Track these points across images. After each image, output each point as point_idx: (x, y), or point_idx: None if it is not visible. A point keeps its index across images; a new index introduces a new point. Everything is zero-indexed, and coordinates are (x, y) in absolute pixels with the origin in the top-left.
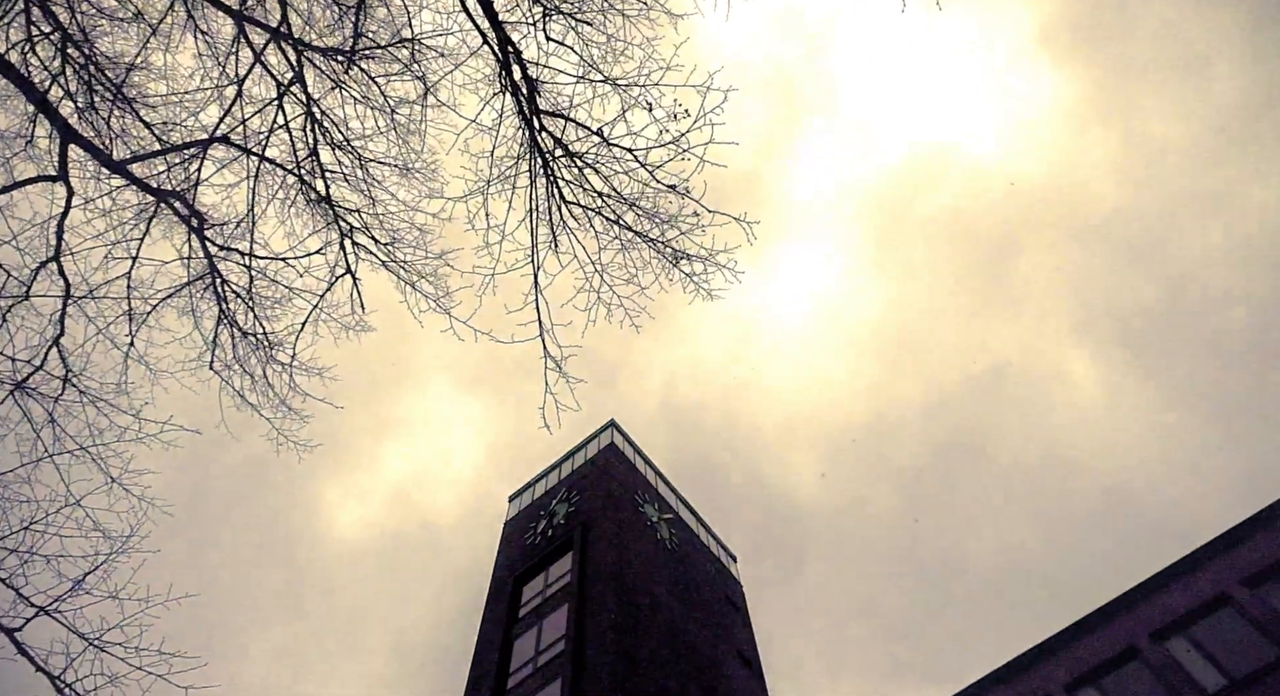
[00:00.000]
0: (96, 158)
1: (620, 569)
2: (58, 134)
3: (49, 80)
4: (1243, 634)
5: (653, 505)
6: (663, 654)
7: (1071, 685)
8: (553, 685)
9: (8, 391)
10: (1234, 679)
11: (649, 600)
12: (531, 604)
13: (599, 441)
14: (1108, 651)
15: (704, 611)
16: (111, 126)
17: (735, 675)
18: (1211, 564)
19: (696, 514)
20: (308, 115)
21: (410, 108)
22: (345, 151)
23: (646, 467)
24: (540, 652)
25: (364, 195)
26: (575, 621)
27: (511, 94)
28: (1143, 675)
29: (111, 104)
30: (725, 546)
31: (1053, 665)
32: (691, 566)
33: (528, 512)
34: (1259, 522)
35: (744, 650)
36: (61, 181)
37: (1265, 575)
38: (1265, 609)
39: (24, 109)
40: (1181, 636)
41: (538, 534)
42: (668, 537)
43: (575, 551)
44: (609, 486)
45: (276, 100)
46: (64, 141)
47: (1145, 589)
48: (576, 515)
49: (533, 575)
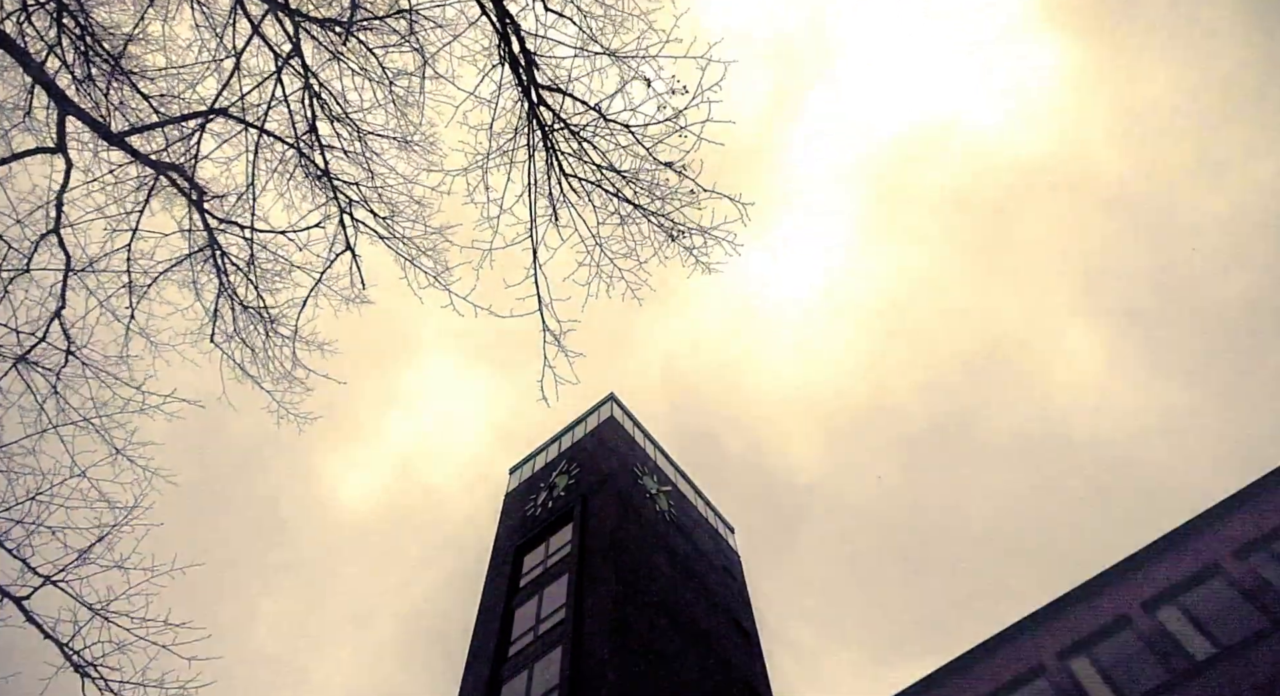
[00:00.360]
0: (95, 129)
1: (619, 540)
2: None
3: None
4: (1232, 603)
5: (651, 477)
6: (661, 623)
7: (1063, 653)
8: (553, 652)
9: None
10: (1223, 647)
11: (648, 570)
12: (532, 574)
13: (599, 414)
14: (1099, 620)
15: (702, 581)
16: (110, 98)
17: (732, 644)
18: (1203, 535)
19: (694, 486)
20: (306, 88)
21: (409, 80)
22: (344, 124)
23: (645, 440)
24: (541, 621)
25: (363, 168)
26: (575, 591)
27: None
28: (1134, 643)
29: (109, 75)
30: (723, 517)
31: (1045, 634)
32: (689, 537)
33: (528, 484)
34: (1250, 494)
35: (741, 619)
36: (60, 153)
37: (1255, 545)
38: (1254, 578)
39: (21, 80)
40: (1172, 605)
41: (538, 505)
42: (666, 509)
43: (575, 523)
44: (608, 459)
45: (275, 73)
46: (61, 113)
47: (1137, 559)
48: (576, 487)
49: (533, 546)
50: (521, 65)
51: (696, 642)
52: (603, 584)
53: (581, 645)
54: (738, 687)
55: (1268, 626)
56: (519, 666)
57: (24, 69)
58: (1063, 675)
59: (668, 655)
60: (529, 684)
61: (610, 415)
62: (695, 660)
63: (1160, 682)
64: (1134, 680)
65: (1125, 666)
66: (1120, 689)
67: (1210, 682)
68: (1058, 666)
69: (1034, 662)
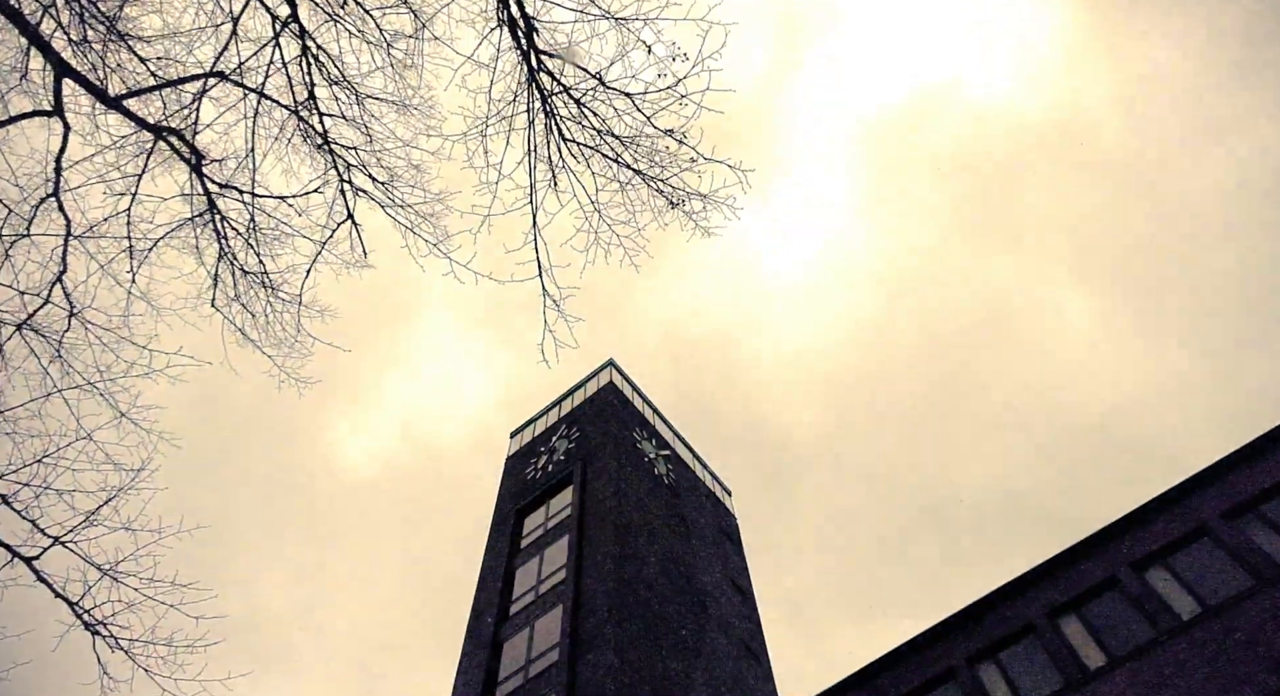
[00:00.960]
0: (92, 92)
1: (618, 503)
2: (51, 68)
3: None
4: (1219, 564)
5: (650, 442)
6: (660, 583)
7: (1052, 613)
8: (553, 611)
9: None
10: (1208, 606)
11: (646, 532)
12: (533, 535)
13: (598, 380)
14: (1088, 581)
15: (699, 542)
16: (106, 61)
17: (729, 603)
18: (1192, 497)
19: (693, 450)
20: (304, 51)
21: (407, 42)
22: (342, 87)
23: (644, 405)
24: (541, 581)
25: (361, 132)
26: (575, 552)
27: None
28: (1121, 603)
29: (105, 37)
30: (720, 481)
31: (1035, 594)
32: (687, 500)
33: (528, 448)
34: (1240, 457)
35: (738, 580)
36: (57, 116)
37: (1244, 507)
38: (1242, 540)
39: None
40: (1160, 566)
41: (538, 469)
42: (665, 473)
43: (575, 486)
44: (607, 424)
45: (273, 38)
46: (58, 75)
47: (1127, 521)
48: (576, 451)
49: (534, 508)
50: (520, 28)
51: (694, 602)
52: (602, 545)
53: (581, 604)
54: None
55: (1253, 585)
56: (520, 624)
57: (19, 30)
58: (1052, 633)
59: (666, 614)
60: (530, 641)
61: (610, 380)
62: (693, 619)
63: (1147, 640)
64: (1121, 638)
65: (1113, 625)
66: (1108, 647)
67: (1195, 640)
68: (1047, 625)
69: (1025, 620)
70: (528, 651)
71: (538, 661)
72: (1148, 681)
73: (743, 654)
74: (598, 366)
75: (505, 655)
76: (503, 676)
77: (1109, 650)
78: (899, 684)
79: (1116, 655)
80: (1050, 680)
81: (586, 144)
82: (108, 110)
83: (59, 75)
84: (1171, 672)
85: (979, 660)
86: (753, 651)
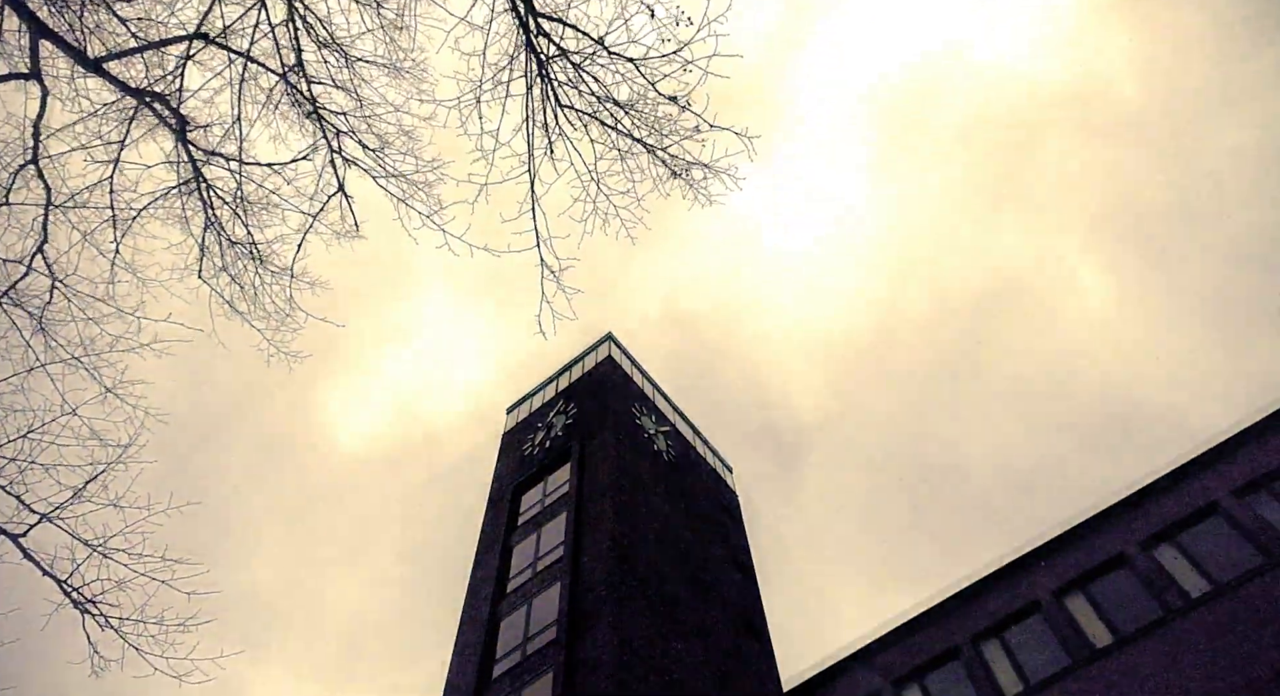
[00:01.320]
0: (70, 54)
1: (617, 479)
2: (27, 28)
3: None
4: (1229, 542)
5: (650, 417)
6: (659, 560)
7: (1059, 590)
8: (551, 588)
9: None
10: (1217, 584)
11: (646, 509)
12: (530, 512)
13: (596, 354)
14: (1096, 558)
15: (699, 520)
16: (85, 21)
17: (729, 580)
18: (1203, 473)
19: (693, 426)
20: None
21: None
22: (331, 50)
23: (644, 381)
24: (539, 558)
25: (351, 96)
26: (573, 529)
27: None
28: (1130, 580)
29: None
30: (721, 457)
31: (1041, 571)
32: (687, 477)
33: (526, 424)
34: (1251, 434)
35: (739, 556)
36: (35, 79)
37: (1255, 485)
38: (1252, 517)
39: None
40: (1169, 544)
41: (536, 445)
42: (664, 449)
43: (573, 463)
44: (606, 399)
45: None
46: (34, 36)
47: (1137, 498)
48: (574, 427)
49: (531, 484)
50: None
51: (694, 579)
52: (601, 522)
53: (580, 581)
54: (735, 621)
55: (1263, 563)
56: (518, 601)
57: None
58: (1058, 611)
59: (665, 591)
60: (528, 618)
61: (608, 355)
62: (693, 595)
63: (1155, 618)
64: (1129, 617)
65: (1120, 603)
66: (1114, 624)
67: (1204, 618)
68: (1053, 602)
69: (1031, 598)
70: (525, 629)
71: (535, 638)
72: (1155, 660)
73: (743, 631)
74: (596, 340)
75: (502, 632)
76: (500, 654)
77: (1116, 628)
78: (902, 661)
79: (1124, 633)
80: (1056, 658)
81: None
82: (87, 73)
83: (35, 36)
84: (1180, 651)
85: (983, 638)
86: (754, 628)
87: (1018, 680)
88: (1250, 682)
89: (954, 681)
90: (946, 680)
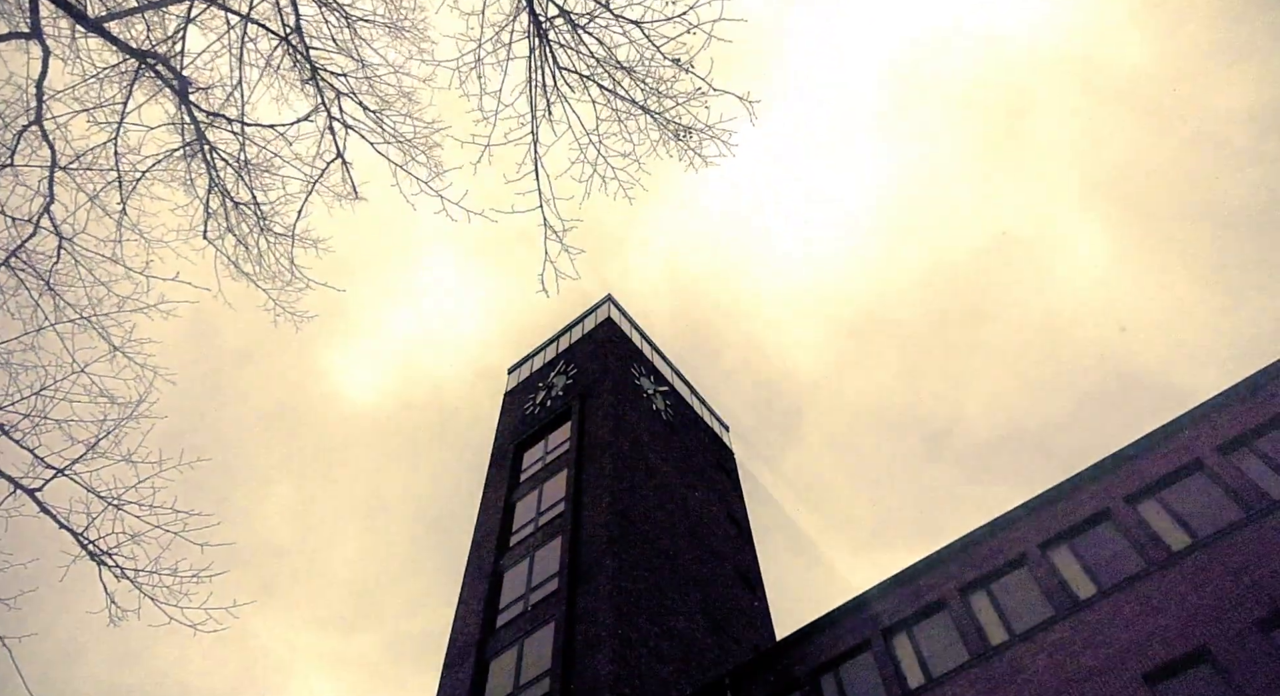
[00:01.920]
0: (70, 13)
1: (616, 438)
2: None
3: None
4: (1212, 497)
5: (649, 378)
6: (657, 516)
7: (1044, 543)
8: (553, 542)
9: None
10: (1198, 537)
11: (644, 467)
12: (531, 470)
13: (596, 316)
14: (1081, 513)
15: (697, 477)
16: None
17: (725, 535)
18: (1188, 431)
19: (691, 386)
20: None
21: None
22: (331, 10)
23: (643, 342)
24: (541, 513)
25: (352, 57)
26: (574, 485)
27: None
28: (1112, 534)
29: None
30: (719, 416)
31: (1029, 525)
32: (685, 435)
33: (527, 384)
34: (1238, 391)
35: (735, 512)
36: (35, 39)
37: (1239, 442)
38: (1235, 473)
39: None
40: (1153, 499)
41: (537, 404)
42: (663, 409)
43: (573, 421)
44: (605, 360)
45: None
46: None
47: (1123, 455)
48: (574, 387)
49: (533, 443)
50: None
51: (691, 534)
52: (600, 479)
53: (580, 535)
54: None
55: (1242, 518)
56: (521, 555)
57: None
58: (1043, 564)
59: (662, 545)
60: (530, 571)
61: (608, 316)
62: (689, 549)
63: (1137, 571)
64: (1112, 569)
65: (1104, 556)
66: (1098, 577)
67: (1185, 570)
68: (1039, 555)
69: (1017, 552)
70: (528, 581)
71: (537, 590)
72: (1136, 610)
73: (739, 584)
74: (596, 302)
75: (506, 585)
76: (503, 605)
77: (1099, 581)
78: (892, 612)
79: (1106, 586)
80: (1040, 609)
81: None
82: (88, 33)
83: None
84: (1160, 601)
85: (971, 589)
86: (749, 581)
87: (1004, 629)
88: (1227, 631)
89: (943, 630)
90: (935, 629)
